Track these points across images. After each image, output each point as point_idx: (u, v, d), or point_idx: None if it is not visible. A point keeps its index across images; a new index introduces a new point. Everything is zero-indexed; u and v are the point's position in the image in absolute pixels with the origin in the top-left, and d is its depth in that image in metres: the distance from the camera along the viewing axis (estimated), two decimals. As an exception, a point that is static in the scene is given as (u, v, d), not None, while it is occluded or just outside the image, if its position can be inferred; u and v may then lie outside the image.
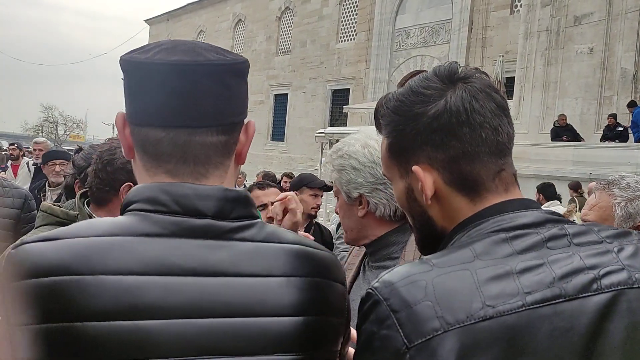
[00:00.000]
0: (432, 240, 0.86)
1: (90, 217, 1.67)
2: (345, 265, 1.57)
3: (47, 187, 4.12)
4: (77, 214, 1.66)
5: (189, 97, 0.75)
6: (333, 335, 0.82)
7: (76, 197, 1.76)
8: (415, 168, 0.82)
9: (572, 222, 0.81)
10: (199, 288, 0.73)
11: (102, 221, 0.77)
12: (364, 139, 1.41)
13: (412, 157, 0.83)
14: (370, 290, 0.74)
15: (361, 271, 1.51)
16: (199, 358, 0.71)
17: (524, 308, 0.68)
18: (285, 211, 1.42)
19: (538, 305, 0.69)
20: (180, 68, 0.75)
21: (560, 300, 0.70)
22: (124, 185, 1.67)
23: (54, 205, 1.71)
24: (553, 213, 0.82)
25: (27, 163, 6.71)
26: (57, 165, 4.08)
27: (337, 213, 1.55)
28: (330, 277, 0.82)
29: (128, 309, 0.68)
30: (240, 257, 0.76)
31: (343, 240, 3.74)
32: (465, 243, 0.77)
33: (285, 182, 6.10)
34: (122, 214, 0.78)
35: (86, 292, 0.68)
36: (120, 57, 0.79)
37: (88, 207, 1.73)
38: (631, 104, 11.57)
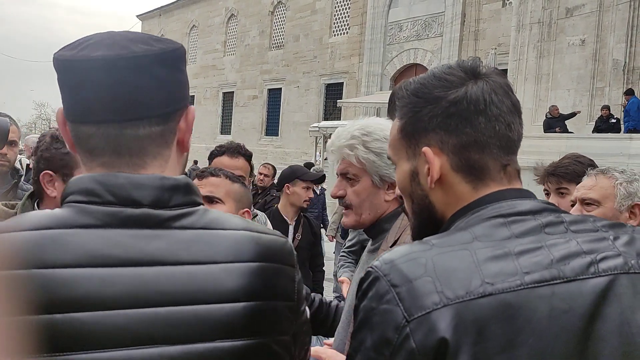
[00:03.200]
0: (429, 227, 0.86)
1: None
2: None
3: None
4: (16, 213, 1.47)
5: (114, 91, 0.74)
6: (279, 320, 0.81)
7: (24, 197, 1.60)
8: (425, 149, 0.83)
9: (568, 213, 0.83)
10: (135, 278, 0.72)
11: (36, 214, 0.77)
12: None
13: (423, 139, 0.84)
14: (370, 269, 0.75)
15: (363, 257, 1.54)
16: (136, 348, 0.71)
17: (522, 287, 0.70)
18: None
19: (536, 285, 0.70)
20: (102, 64, 0.74)
21: (558, 281, 0.71)
22: (42, 174, 1.49)
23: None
24: (549, 203, 0.84)
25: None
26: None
27: (334, 197, 1.49)
28: (277, 260, 0.81)
29: (62, 302, 0.68)
30: (179, 245, 0.75)
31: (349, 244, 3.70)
32: (464, 226, 0.78)
33: (261, 178, 5.88)
34: (61, 206, 0.78)
35: (20, 286, 0.68)
36: (53, 55, 0.78)
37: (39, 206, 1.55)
38: (629, 92, 11.46)
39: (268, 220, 3.03)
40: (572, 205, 1.89)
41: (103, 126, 0.76)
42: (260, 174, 5.83)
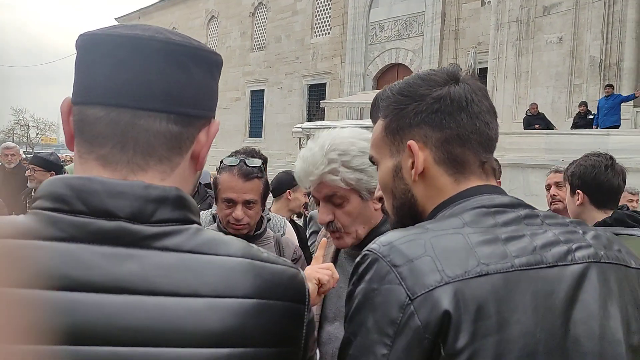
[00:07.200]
0: (409, 222, 0.88)
1: None
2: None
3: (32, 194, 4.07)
4: None
5: (138, 72, 0.65)
6: None
7: None
8: (411, 142, 0.87)
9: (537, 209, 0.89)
10: (95, 307, 0.59)
11: None
12: (358, 135, 1.38)
13: (407, 135, 0.88)
14: (366, 252, 0.76)
15: (344, 262, 1.50)
16: None
17: (513, 269, 0.73)
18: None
19: (524, 268, 0.74)
20: (133, 40, 0.65)
21: (542, 266, 0.76)
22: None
23: None
24: (521, 200, 0.89)
25: None
26: (29, 170, 4.11)
27: (323, 223, 1.41)
28: (282, 297, 0.67)
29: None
30: (156, 270, 0.62)
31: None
32: (453, 214, 0.82)
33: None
34: None
35: None
36: (78, 37, 0.69)
37: None
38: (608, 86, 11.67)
39: (287, 222, 2.83)
40: None
41: (115, 110, 0.65)
42: None
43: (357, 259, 0.77)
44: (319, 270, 1.28)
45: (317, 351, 0.84)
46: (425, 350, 0.69)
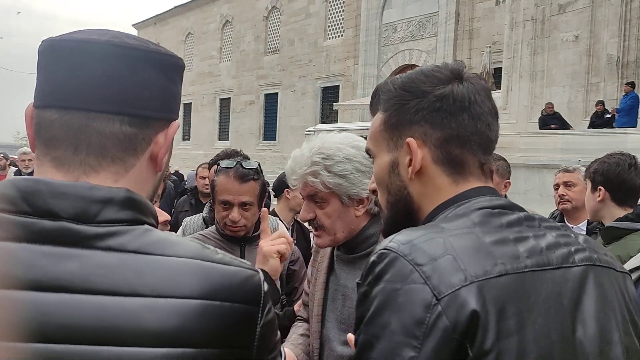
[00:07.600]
0: (404, 218, 0.87)
1: None
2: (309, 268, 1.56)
3: None
4: None
5: (91, 75, 0.67)
6: None
7: None
8: (410, 140, 0.85)
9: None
10: (30, 305, 0.60)
11: None
12: (349, 142, 1.41)
13: (407, 131, 0.86)
14: (383, 250, 0.73)
15: (336, 266, 1.51)
16: None
17: (527, 269, 0.73)
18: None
19: (536, 268, 0.74)
20: (88, 45, 0.67)
21: (550, 267, 0.76)
22: None
23: None
24: (515, 203, 0.88)
25: (14, 173, 6.71)
26: None
27: (304, 220, 1.49)
28: (231, 298, 0.66)
29: None
30: (96, 269, 0.62)
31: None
32: (458, 214, 0.80)
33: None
34: None
35: None
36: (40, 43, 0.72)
37: None
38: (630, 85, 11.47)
39: (280, 223, 2.79)
40: None
41: (68, 113, 0.67)
42: (204, 177, 4.38)
43: (372, 258, 0.74)
44: (274, 243, 1.42)
45: (283, 352, 0.84)
46: (453, 351, 0.67)
